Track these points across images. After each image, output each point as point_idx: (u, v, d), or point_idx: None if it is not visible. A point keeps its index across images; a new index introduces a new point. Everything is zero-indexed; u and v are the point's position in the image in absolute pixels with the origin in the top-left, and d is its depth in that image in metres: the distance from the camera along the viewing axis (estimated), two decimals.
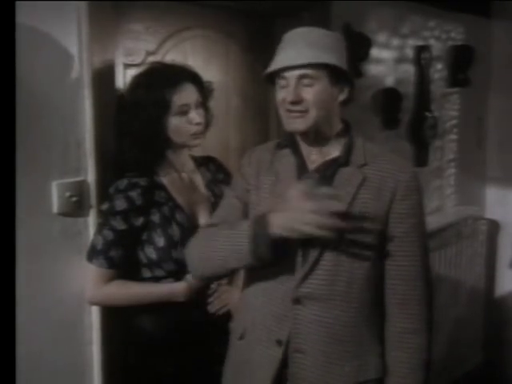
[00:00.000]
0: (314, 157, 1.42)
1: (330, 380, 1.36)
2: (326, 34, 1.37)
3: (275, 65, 1.35)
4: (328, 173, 1.39)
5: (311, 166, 1.42)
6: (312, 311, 1.35)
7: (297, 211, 1.23)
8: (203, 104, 1.65)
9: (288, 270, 1.36)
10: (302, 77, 1.32)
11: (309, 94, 1.33)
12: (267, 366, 1.39)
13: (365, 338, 1.39)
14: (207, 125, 1.67)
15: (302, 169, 1.42)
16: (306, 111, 1.34)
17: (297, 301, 1.35)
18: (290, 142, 1.45)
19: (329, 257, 1.34)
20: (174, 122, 1.58)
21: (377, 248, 1.36)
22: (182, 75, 1.60)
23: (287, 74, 1.34)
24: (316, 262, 1.34)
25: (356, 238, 1.34)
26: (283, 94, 1.35)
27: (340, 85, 1.37)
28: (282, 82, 1.36)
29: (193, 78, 1.63)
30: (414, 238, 1.38)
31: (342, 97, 1.39)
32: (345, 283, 1.34)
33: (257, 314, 1.42)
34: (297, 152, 1.44)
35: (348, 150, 1.40)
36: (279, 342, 1.37)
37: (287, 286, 1.36)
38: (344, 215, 1.25)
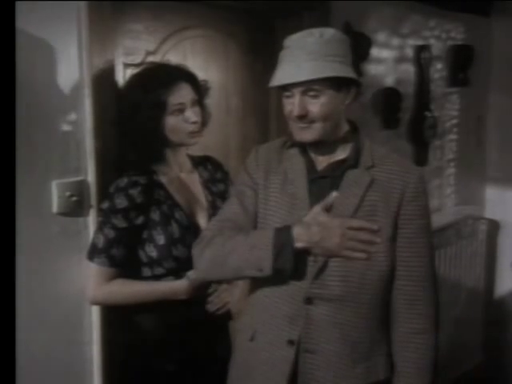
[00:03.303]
0: (321, 158, 1.42)
1: (340, 381, 1.36)
2: (327, 37, 1.31)
3: (277, 80, 1.33)
4: (336, 174, 1.39)
5: (319, 167, 1.42)
6: (324, 311, 1.35)
7: (324, 228, 1.29)
8: (199, 102, 1.65)
9: (299, 270, 1.34)
10: (306, 90, 1.31)
11: (314, 106, 1.32)
12: (281, 366, 1.37)
13: (375, 339, 1.39)
14: (204, 123, 1.68)
15: (310, 169, 1.42)
16: (312, 122, 1.33)
17: (308, 300, 1.35)
18: (297, 142, 1.43)
19: (339, 258, 1.33)
20: (171, 121, 1.58)
21: (386, 249, 1.35)
22: (176, 74, 1.61)
23: (291, 88, 1.32)
24: (326, 262, 1.33)
25: (366, 239, 1.33)
26: (289, 106, 1.34)
27: (346, 88, 1.35)
28: (287, 93, 1.35)
29: (187, 76, 1.63)
30: (422, 239, 1.38)
31: (348, 99, 1.37)
32: (356, 284, 1.34)
33: (268, 314, 1.41)
34: (305, 152, 1.43)
35: (356, 152, 1.39)
36: (291, 343, 1.36)
37: (299, 286, 1.35)
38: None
